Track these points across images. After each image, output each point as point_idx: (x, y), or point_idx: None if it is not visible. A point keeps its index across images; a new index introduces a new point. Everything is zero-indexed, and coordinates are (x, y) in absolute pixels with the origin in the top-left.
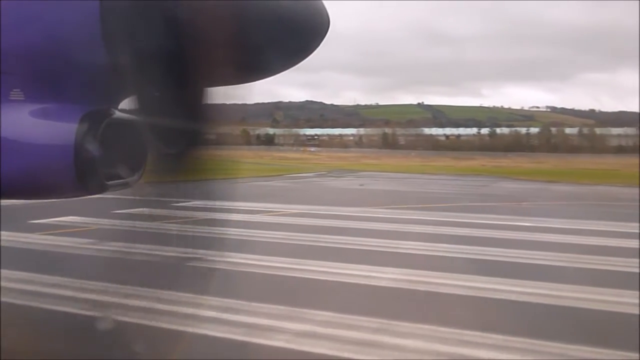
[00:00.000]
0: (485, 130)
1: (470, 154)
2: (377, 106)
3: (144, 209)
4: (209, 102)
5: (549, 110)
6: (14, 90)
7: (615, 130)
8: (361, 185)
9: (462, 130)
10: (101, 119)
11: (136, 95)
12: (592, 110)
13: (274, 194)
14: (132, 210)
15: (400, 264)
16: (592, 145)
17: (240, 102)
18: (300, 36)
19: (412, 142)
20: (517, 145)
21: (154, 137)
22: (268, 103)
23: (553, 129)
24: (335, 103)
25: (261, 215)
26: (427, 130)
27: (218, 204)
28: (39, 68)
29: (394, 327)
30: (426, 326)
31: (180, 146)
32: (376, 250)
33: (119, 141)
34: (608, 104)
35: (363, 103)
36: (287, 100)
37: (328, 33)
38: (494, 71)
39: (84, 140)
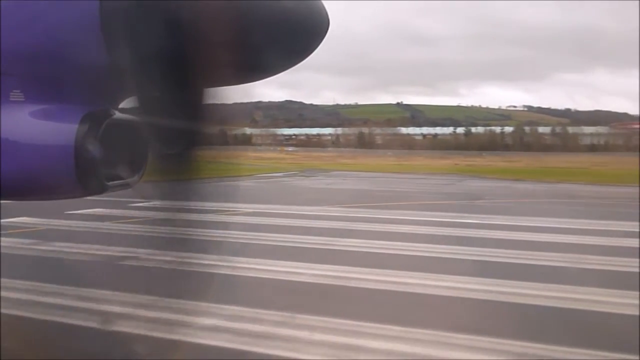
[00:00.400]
0: (460, 130)
1: (446, 153)
2: (357, 106)
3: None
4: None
5: (525, 109)
6: (14, 91)
7: (588, 129)
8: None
9: (439, 130)
10: (102, 119)
11: (137, 96)
12: (568, 110)
13: (237, 193)
14: (85, 210)
15: (331, 261)
16: (565, 143)
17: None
18: (300, 36)
19: (389, 141)
20: (491, 144)
21: (154, 138)
22: (248, 103)
23: (527, 128)
24: (315, 103)
25: (214, 215)
26: (405, 130)
27: (173, 204)
28: (39, 69)
29: (296, 321)
30: (329, 319)
31: (181, 147)
32: (311, 248)
33: (119, 142)
34: (583, 103)
35: (343, 103)
36: (266, 100)
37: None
38: (470, 71)
39: (85, 140)
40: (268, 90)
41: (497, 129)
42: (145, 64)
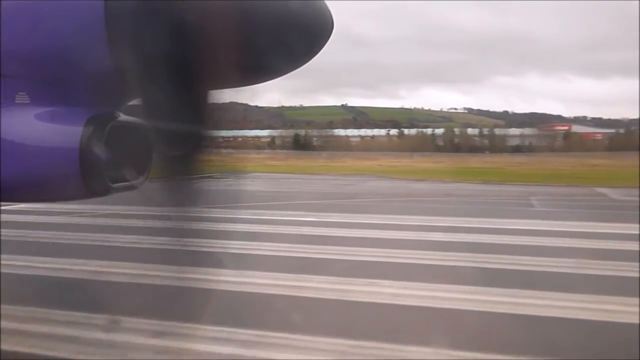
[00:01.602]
0: (395, 132)
1: (379, 154)
2: (302, 108)
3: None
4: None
5: (466, 111)
6: (20, 93)
7: (514, 131)
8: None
9: (376, 132)
10: (106, 121)
11: (141, 98)
12: (506, 112)
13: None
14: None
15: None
16: (493, 145)
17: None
18: (305, 38)
19: (326, 143)
20: (423, 146)
21: (159, 140)
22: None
23: (456, 130)
24: (260, 104)
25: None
26: (342, 132)
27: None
28: (44, 71)
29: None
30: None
31: (186, 149)
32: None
33: (124, 144)
34: (519, 106)
35: (287, 104)
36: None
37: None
38: (410, 74)
39: (89, 143)
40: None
41: (429, 131)
42: (149, 66)
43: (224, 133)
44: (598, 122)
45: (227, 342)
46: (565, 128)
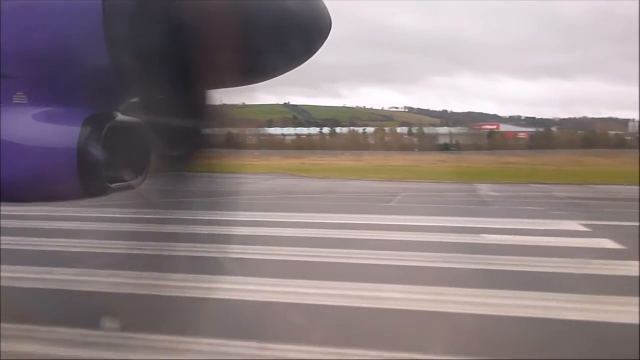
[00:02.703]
0: (326, 130)
1: (310, 152)
2: (245, 106)
3: None
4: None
5: (407, 110)
6: (17, 93)
7: (442, 130)
8: None
9: (312, 130)
10: (104, 122)
11: (140, 98)
12: (445, 111)
13: None
14: None
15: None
16: (422, 143)
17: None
18: (303, 37)
19: (262, 142)
20: (354, 144)
21: (157, 140)
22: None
23: (386, 129)
24: None
25: None
26: (279, 130)
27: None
28: (42, 71)
29: None
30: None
31: (184, 148)
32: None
33: (122, 144)
34: (456, 105)
35: (229, 103)
36: None
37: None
38: (348, 73)
39: (87, 143)
40: None
41: (360, 130)
42: (148, 66)
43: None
44: (532, 121)
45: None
46: (494, 127)
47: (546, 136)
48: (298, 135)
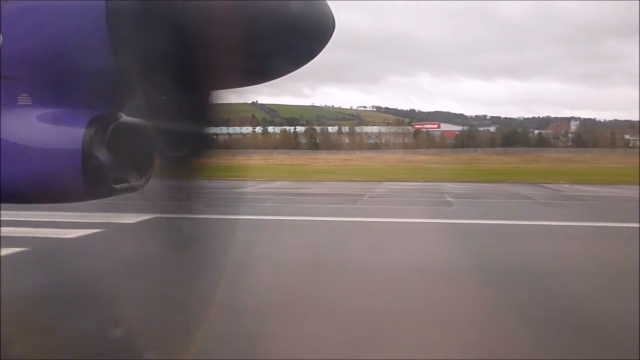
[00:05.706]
0: (259, 129)
1: (243, 151)
2: (222, 105)
3: None
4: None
5: (374, 109)
6: (22, 95)
7: (371, 129)
8: None
9: (245, 130)
10: (108, 123)
11: (143, 99)
12: (412, 110)
13: None
14: None
15: None
16: (352, 142)
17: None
18: (306, 39)
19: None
20: (284, 143)
21: (161, 141)
22: None
23: (317, 128)
24: None
25: None
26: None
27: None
28: (46, 73)
29: None
30: None
31: (188, 149)
32: None
33: (126, 145)
34: (419, 105)
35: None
36: None
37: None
38: (309, 72)
39: (92, 144)
40: None
41: (291, 129)
42: (151, 67)
43: None
44: (496, 120)
45: None
46: (435, 127)
47: (469, 135)
48: (230, 135)
